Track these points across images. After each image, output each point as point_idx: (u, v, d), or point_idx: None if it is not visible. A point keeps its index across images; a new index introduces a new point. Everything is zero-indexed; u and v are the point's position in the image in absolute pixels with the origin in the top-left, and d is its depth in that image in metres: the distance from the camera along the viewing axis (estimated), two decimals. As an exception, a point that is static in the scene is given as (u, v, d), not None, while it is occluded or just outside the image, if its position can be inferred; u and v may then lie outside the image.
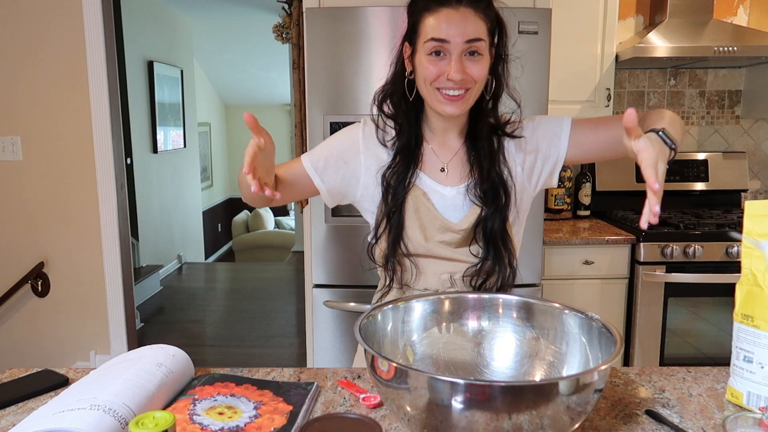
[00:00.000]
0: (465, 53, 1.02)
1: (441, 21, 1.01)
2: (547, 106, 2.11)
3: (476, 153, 1.12)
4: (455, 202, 1.12)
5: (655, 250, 2.41)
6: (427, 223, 1.10)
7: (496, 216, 1.09)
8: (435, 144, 1.14)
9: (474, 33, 1.01)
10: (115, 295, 3.00)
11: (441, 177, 1.13)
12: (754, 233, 0.92)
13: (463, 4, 1.01)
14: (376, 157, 1.13)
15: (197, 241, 6.55)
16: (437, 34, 1.01)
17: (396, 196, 1.09)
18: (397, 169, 1.10)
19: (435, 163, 1.13)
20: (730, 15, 2.88)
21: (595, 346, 0.88)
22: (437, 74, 1.03)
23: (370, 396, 0.94)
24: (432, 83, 1.04)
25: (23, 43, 2.82)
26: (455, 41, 1.01)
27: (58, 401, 0.83)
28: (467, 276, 1.13)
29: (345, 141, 1.15)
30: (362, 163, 1.13)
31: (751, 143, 3.02)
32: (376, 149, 1.14)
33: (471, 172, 1.12)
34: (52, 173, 2.91)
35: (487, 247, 1.11)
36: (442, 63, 1.02)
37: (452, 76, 1.01)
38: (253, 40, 6.39)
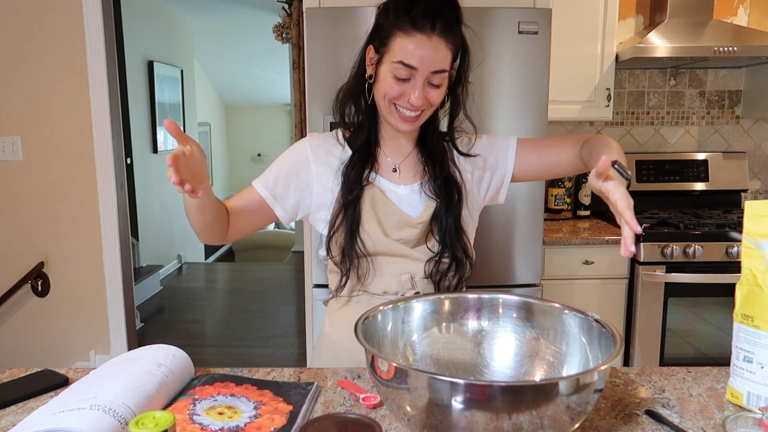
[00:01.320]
0: (428, 81, 1.04)
1: (413, 47, 1.01)
2: (547, 106, 2.11)
3: (428, 155, 1.16)
4: (411, 199, 1.15)
5: (655, 250, 2.41)
6: (384, 218, 1.12)
7: (450, 210, 1.13)
8: (387, 147, 1.18)
9: (441, 65, 1.03)
10: (115, 295, 3.00)
11: (394, 177, 1.16)
12: (754, 233, 0.92)
13: (435, 33, 1.01)
14: (327, 164, 1.16)
15: (197, 241, 6.53)
16: (407, 59, 1.02)
17: (353, 189, 1.12)
18: (356, 165, 1.13)
19: (387, 165, 1.17)
20: (730, 15, 2.88)
21: (595, 346, 0.88)
22: (399, 94, 1.05)
23: (370, 396, 0.94)
24: (392, 100, 1.06)
25: (23, 43, 2.82)
26: (422, 70, 1.02)
27: (58, 401, 0.83)
28: (426, 272, 1.14)
29: (293, 156, 1.17)
30: (313, 172, 1.15)
31: (751, 143, 3.02)
32: (327, 157, 1.16)
33: (424, 170, 1.16)
34: (52, 173, 2.91)
35: (443, 241, 1.13)
36: (405, 85, 1.04)
37: (414, 102, 1.04)
38: (253, 40, 6.39)
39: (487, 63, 2.07)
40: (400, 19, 1.02)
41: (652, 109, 3.00)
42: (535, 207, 2.14)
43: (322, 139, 1.18)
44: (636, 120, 3.00)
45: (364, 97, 1.12)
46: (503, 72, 2.08)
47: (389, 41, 1.04)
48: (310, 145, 1.17)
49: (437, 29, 1.01)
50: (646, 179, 2.90)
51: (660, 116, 3.00)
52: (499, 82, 2.08)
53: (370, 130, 1.15)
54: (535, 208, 2.14)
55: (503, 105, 2.09)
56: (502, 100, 2.09)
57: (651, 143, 3.02)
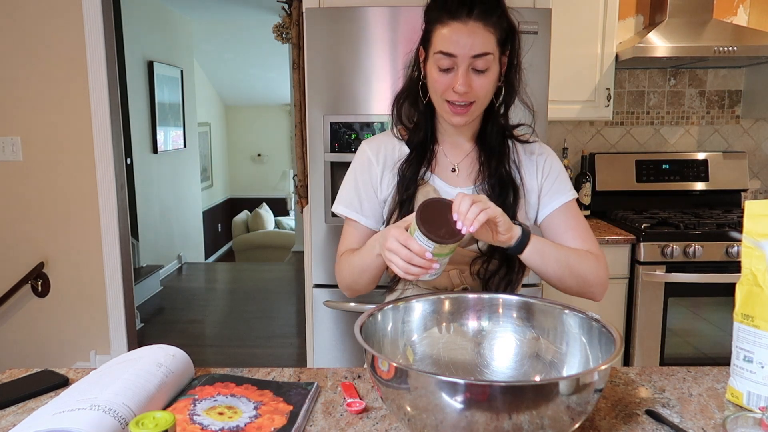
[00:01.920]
0: (472, 67, 1.04)
1: (450, 34, 1.03)
2: (547, 106, 2.11)
3: (486, 153, 1.15)
4: None
5: (655, 250, 2.41)
6: None
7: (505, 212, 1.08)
8: (446, 145, 1.18)
9: (481, 48, 1.02)
10: (115, 295, 3.00)
11: (452, 178, 1.16)
12: (754, 233, 0.92)
13: (472, 18, 1.02)
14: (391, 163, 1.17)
15: (197, 241, 6.55)
16: (445, 47, 1.03)
17: (408, 187, 1.13)
18: (413, 162, 1.14)
19: (446, 165, 1.17)
20: (730, 15, 2.88)
21: (595, 346, 0.88)
22: (445, 87, 1.05)
23: (354, 402, 0.93)
24: (441, 95, 1.07)
25: (23, 44, 2.82)
26: (462, 55, 1.02)
27: (58, 401, 0.83)
28: (473, 272, 1.13)
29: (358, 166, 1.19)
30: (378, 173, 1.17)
31: (751, 143, 3.02)
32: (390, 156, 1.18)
33: (480, 171, 1.15)
34: (52, 173, 2.91)
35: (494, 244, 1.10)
36: (449, 76, 1.05)
37: (457, 89, 1.03)
38: (253, 40, 6.38)
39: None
40: (438, 12, 1.05)
41: (652, 109, 3.00)
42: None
43: (379, 140, 1.20)
44: (636, 120, 3.00)
45: (420, 98, 1.14)
46: (503, 72, 2.07)
47: (431, 36, 1.06)
48: (370, 149, 1.19)
49: (474, 15, 1.02)
50: (646, 179, 2.90)
51: (660, 116, 3.00)
52: (499, 82, 2.08)
53: (427, 129, 1.16)
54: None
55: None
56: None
57: (651, 143, 3.02)
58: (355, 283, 1.12)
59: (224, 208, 8.19)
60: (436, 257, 0.92)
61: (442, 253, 0.92)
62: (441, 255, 0.92)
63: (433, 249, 0.90)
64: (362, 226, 1.17)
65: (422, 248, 0.90)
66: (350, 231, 1.18)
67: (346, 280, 1.14)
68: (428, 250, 0.90)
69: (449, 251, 0.93)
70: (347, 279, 1.13)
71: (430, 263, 0.91)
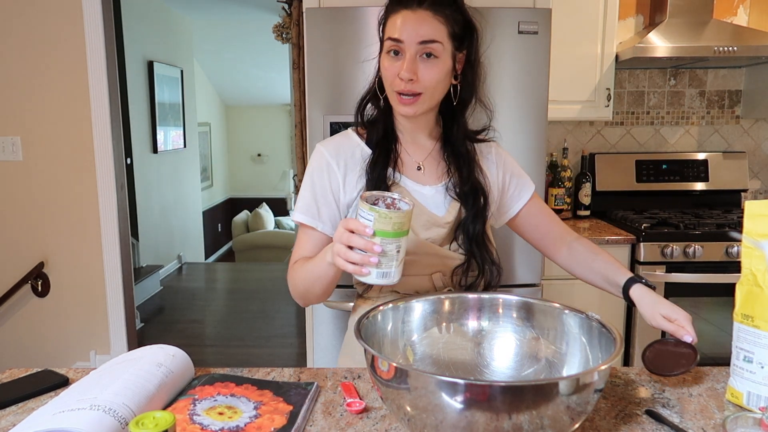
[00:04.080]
0: (420, 55, 1.04)
1: (398, 21, 1.04)
2: (547, 106, 2.11)
3: (453, 154, 1.15)
4: (436, 200, 1.14)
5: (655, 250, 2.41)
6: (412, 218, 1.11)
7: (477, 218, 1.12)
8: (407, 144, 1.16)
9: (428, 35, 1.03)
10: (115, 295, 3.00)
11: (419, 176, 1.15)
12: (754, 233, 0.92)
13: (422, 7, 1.03)
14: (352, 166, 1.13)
15: (197, 241, 6.55)
16: (392, 33, 1.04)
17: (378, 188, 1.10)
18: (378, 162, 1.11)
19: (411, 163, 1.15)
20: (730, 15, 2.88)
21: (595, 346, 0.88)
22: (393, 75, 1.05)
23: (354, 402, 0.93)
24: (391, 85, 1.07)
25: (23, 44, 2.82)
26: (408, 41, 1.03)
27: (58, 401, 0.83)
28: (455, 276, 1.13)
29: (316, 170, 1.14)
30: (339, 178, 1.13)
31: (751, 143, 3.02)
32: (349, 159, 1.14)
33: (448, 171, 1.15)
34: (52, 173, 2.91)
35: (470, 248, 1.12)
36: (397, 63, 1.05)
37: (402, 75, 1.03)
38: (253, 40, 6.38)
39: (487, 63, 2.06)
40: (392, 4, 1.07)
41: (652, 109, 3.00)
42: (535, 207, 2.14)
43: (337, 142, 1.16)
44: (636, 120, 3.00)
45: (378, 95, 1.13)
46: (503, 72, 2.08)
47: (384, 28, 1.07)
48: (327, 152, 1.14)
49: (424, 4, 1.03)
50: (646, 179, 2.90)
51: (660, 116, 3.00)
52: (499, 82, 2.08)
53: (386, 125, 1.14)
54: (535, 208, 2.14)
55: (503, 105, 2.09)
56: (502, 100, 2.09)
57: (651, 143, 3.02)
58: (307, 292, 1.07)
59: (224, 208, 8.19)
60: (379, 236, 0.85)
61: (386, 231, 0.85)
62: (385, 234, 0.85)
63: (373, 223, 0.84)
64: (319, 233, 1.12)
65: (362, 224, 0.85)
66: (305, 238, 1.14)
67: (298, 288, 1.09)
68: (369, 226, 0.85)
69: (394, 230, 0.85)
70: (300, 288, 1.08)
71: (371, 244, 0.85)
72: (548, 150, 2.95)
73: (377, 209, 0.84)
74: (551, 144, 2.98)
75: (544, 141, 2.14)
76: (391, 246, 0.86)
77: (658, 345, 1.00)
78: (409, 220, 0.88)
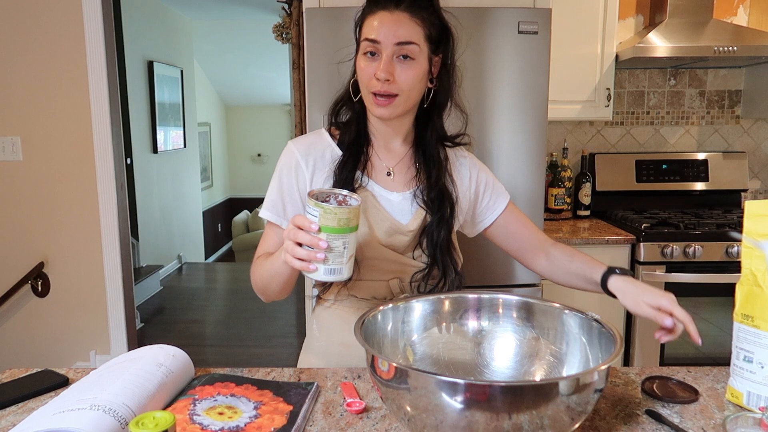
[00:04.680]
0: (397, 56, 1.03)
1: (375, 22, 1.03)
2: (547, 106, 2.11)
3: (424, 159, 1.15)
4: (402, 207, 1.13)
5: (655, 250, 2.41)
6: (375, 224, 1.10)
7: (442, 225, 1.11)
8: (379, 148, 1.15)
9: (405, 36, 1.02)
10: (115, 295, 3.00)
11: (388, 182, 1.14)
12: (754, 233, 0.92)
13: (399, 8, 1.03)
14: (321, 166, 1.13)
15: (197, 241, 6.55)
16: (369, 34, 1.04)
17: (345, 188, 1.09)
18: (347, 164, 1.11)
19: (381, 168, 1.14)
20: (730, 15, 2.88)
21: (595, 346, 0.88)
22: (369, 75, 1.04)
23: (354, 402, 0.93)
24: (366, 86, 1.06)
25: (23, 43, 2.82)
26: (385, 42, 1.02)
27: (58, 401, 0.83)
28: (415, 281, 1.13)
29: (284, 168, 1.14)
30: (307, 176, 1.12)
31: (751, 143, 3.02)
32: (319, 159, 1.13)
33: (417, 177, 1.14)
34: (52, 173, 2.91)
35: (433, 255, 1.12)
36: (373, 64, 1.04)
37: (378, 75, 1.02)
38: (253, 40, 6.38)
39: (487, 63, 2.07)
40: (369, 5, 1.06)
41: (652, 109, 3.00)
42: (535, 207, 2.14)
43: (308, 141, 1.15)
44: (636, 120, 3.00)
45: (352, 96, 1.12)
46: (503, 72, 2.08)
47: (361, 29, 1.07)
48: (298, 150, 1.13)
49: (402, 6, 1.03)
50: (646, 179, 2.90)
51: (660, 116, 3.00)
52: (499, 82, 2.08)
53: (359, 127, 1.13)
54: (535, 207, 2.14)
55: (503, 105, 2.09)
56: (502, 100, 2.09)
57: (651, 143, 3.02)
58: (266, 288, 1.07)
59: (224, 208, 8.19)
60: (324, 232, 0.85)
61: (332, 227, 0.85)
62: (331, 230, 0.85)
63: (319, 219, 0.85)
64: (281, 230, 1.12)
65: (308, 220, 0.86)
66: (270, 235, 1.13)
67: (257, 284, 1.09)
68: (314, 222, 0.85)
69: (340, 226, 0.85)
70: (258, 283, 1.08)
71: (317, 239, 0.85)
72: (548, 150, 2.95)
73: (322, 205, 0.85)
74: (551, 144, 2.98)
75: (544, 141, 2.14)
76: (338, 242, 0.86)
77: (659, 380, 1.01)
78: (356, 217, 0.88)
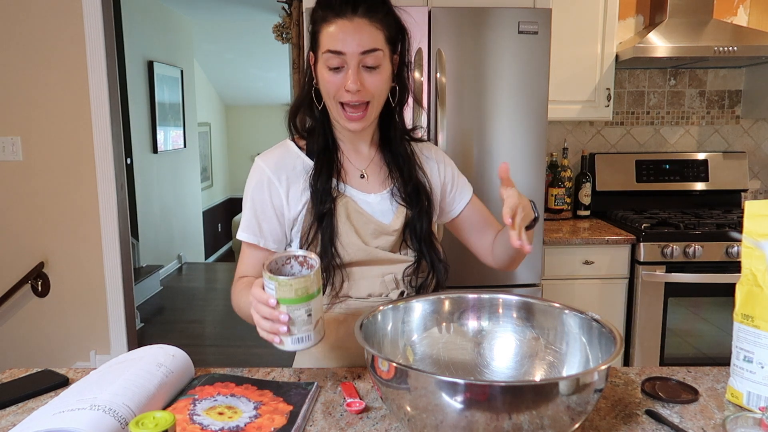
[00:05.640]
0: (362, 64, 1.02)
1: (336, 32, 1.01)
2: (547, 106, 2.11)
3: (393, 158, 1.15)
4: (382, 207, 1.13)
5: (655, 250, 2.41)
6: (360, 228, 1.10)
7: (422, 217, 1.13)
8: (348, 152, 1.15)
9: (370, 44, 1.01)
10: (115, 295, 3.00)
11: (363, 184, 1.13)
12: (754, 233, 0.92)
13: (357, 15, 1.01)
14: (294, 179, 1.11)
15: (197, 241, 6.54)
16: (333, 45, 1.01)
17: (324, 200, 1.08)
18: (321, 173, 1.09)
19: (353, 172, 1.14)
20: (730, 15, 2.88)
21: (595, 346, 0.88)
22: (337, 87, 1.03)
23: (354, 402, 0.93)
24: (334, 97, 1.04)
25: (23, 44, 2.82)
26: (350, 53, 1.01)
27: (58, 401, 0.83)
28: (407, 276, 1.13)
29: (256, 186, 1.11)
30: (282, 192, 1.10)
31: (751, 143, 3.02)
32: (290, 171, 1.11)
33: (391, 176, 1.14)
34: (52, 173, 2.91)
35: (419, 247, 1.13)
36: (339, 75, 1.03)
37: (349, 87, 1.01)
38: (253, 40, 6.38)
39: (487, 63, 2.07)
40: (323, 11, 1.03)
41: (652, 109, 3.00)
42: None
43: (276, 155, 1.12)
44: (636, 120, 3.00)
45: (315, 105, 1.10)
46: (503, 72, 2.08)
47: (319, 37, 1.04)
48: (267, 166, 1.10)
49: (359, 11, 1.01)
50: (646, 179, 2.90)
51: (660, 116, 3.00)
52: (499, 82, 2.08)
53: (326, 135, 1.12)
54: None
55: (503, 105, 2.09)
56: (502, 100, 2.09)
57: (651, 143, 3.02)
58: (247, 320, 1.02)
59: (224, 208, 8.19)
60: (284, 304, 0.84)
61: (290, 299, 0.83)
62: (290, 301, 0.84)
63: (275, 291, 0.83)
64: (262, 250, 1.10)
65: (266, 295, 0.85)
66: (248, 255, 1.12)
67: (237, 312, 1.08)
68: (272, 296, 0.84)
69: (298, 297, 0.84)
70: (238, 313, 1.07)
71: (277, 314, 0.85)
72: (548, 150, 2.95)
73: (276, 278, 0.83)
74: (551, 144, 2.98)
75: (544, 141, 2.14)
76: (300, 311, 0.85)
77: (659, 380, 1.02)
78: (316, 282, 0.85)
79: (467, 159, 2.12)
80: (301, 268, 0.90)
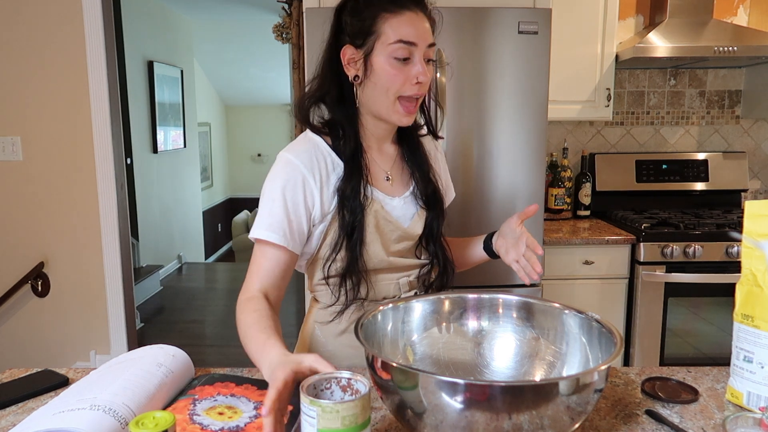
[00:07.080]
0: (426, 57, 1.03)
1: (407, 23, 0.99)
2: (547, 106, 2.11)
3: (411, 155, 1.15)
4: (405, 211, 1.12)
5: (655, 250, 2.41)
6: (386, 235, 1.08)
7: (439, 218, 1.13)
8: (372, 153, 1.11)
9: (431, 38, 1.03)
10: (115, 295, 3.00)
11: (388, 188, 1.11)
12: (754, 233, 0.92)
13: (420, 8, 1.02)
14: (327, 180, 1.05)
15: (197, 241, 6.55)
16: (406, 36, 0.99)
17: (354, 211, 1.03)
18: (351, 180, 1.04)
19: (379, 174, 1.11)
20: (730, 15, 2.88)
21: (595, 346, 0.88)
22: (404, 80, 1.00)
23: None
24: (397, 90, 1.01)
25: (23, 43, 2.82)
26: (421, 44, 1.01)
27: (58, 401, 0.83)
28: (421, 277, 1.15)
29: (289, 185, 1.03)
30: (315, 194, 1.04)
31: (751, 143, 3.02)
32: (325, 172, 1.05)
33: (412, 177, 1.14)
34: (52, 173, 2.91)
35: (434, 249, 1.14)
36: (406, 68, 1.00)
37: (422, 79, 1.00)
38: (253, 40, 6.38)
39: (487, 63, 2.07)
40: (381, 3, 1.00)
41: (652, 109, 3.00)
42: (535, 207, 2.14)
43: (308, 152, 1.05)
44: (636, 120, 3.00)
45: (341, 103, 1.06)
46: (503, 72, 2.08)
47: (376, 28, 1.00)
48: (302, 163, 1.04)
49: (421, 5, 1.02)
50: (646, 179, 2.90)
51: (660, 116, 3.00)
52: (499, 82, 2.08)
53: (357, 137, 1.07)
54: (535, 208, 2.14)
55: (503, 105, 2.09)
56: (502, 100, 2.09)
57: (651, 143, 3.02)
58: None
59: (224, 208, 8.19)
60: None
61: (332, 429, 0.67)
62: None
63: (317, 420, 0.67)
64: (286, 253, 1.02)
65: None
66: (269, 256, 1.02)
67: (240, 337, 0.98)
68: (313, 427, 0.67)
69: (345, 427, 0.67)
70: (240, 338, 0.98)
71: None
72: (548, 150, 2.95)
73: (320, 403, 0.67)
74: (551, 144, 2.98)
75: (544, 141, 2.14)
76: None
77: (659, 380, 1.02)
78: (366, 407, 0.69)
79: (467, 159, 2.12)
80: (344, 394, 0.73)
